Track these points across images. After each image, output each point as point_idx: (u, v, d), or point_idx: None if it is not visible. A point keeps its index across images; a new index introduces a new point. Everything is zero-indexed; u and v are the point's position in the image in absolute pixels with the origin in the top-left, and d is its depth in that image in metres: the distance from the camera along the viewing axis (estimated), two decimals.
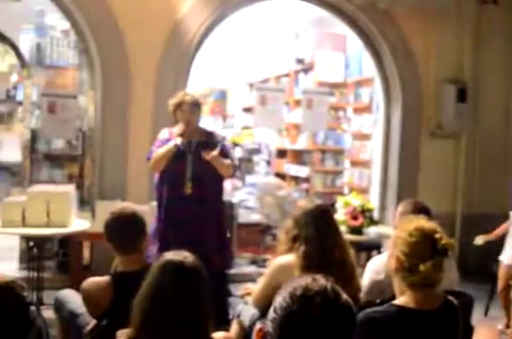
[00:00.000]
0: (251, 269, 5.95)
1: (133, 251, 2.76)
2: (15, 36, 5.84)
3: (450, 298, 2.18)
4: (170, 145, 3.97)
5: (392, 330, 2.01)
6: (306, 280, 1.38)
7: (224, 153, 4.06)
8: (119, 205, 2.90)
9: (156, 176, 4.16)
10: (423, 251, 2.07)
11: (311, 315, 1.32)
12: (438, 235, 2.09)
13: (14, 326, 2.53)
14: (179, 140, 3.96)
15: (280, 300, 1.37)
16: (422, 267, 2.05)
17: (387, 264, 2.22)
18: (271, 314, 1.37)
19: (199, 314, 1.93)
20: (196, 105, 4.09)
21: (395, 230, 3.23)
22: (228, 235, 4.58)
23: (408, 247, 2.08)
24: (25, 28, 6.10)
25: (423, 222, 2.15)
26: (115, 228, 2.77)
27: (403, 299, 2.08)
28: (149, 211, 4.31)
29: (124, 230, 2.76)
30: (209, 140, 4.07)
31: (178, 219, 4.00)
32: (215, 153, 3.92)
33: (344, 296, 1.38)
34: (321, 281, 1.38)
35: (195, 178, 3.99)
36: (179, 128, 4.03)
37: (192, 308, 1.92)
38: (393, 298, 2.25)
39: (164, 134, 4.21)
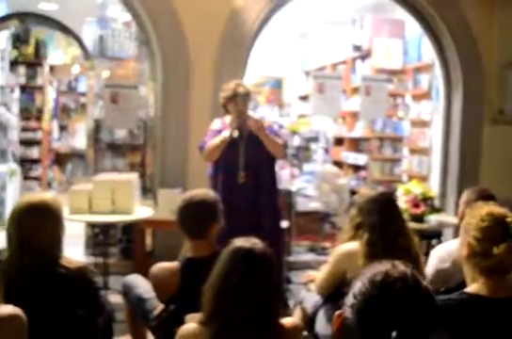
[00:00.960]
0: (310, 257, 5.98)
1: (203, 237, 2.80)
2: (79, 28, 5.98)
3: None
4: (225, 136, 4.02)
5: (464, 318, 1.99)
6: (385, 266, 1.40)
7: (272, 133, 4.08)
8: (193, 191, 2.92)
9: (210, 166, 4.22)
10: (495, 235, 2.04)
11: (391, 301, 1.33)
12: (509, 219, 2.07)
13: (85, 309, 2.63)
14: (236, 133, 4.02)
15: (359, 286, 1.38)
16: (495, 250, 2.02)
17: (458, 252, 2.20)
18: (350, 299, 1.39)
19: (268, 299, 1.96)
20: (248, 96, 4.12)
21: (461, 218, 3.21)
22: (284, 224, 4.60)
23: (481, 231, 2.06)
24: (88, 21, 6.24)
25: (493, 208, 2.13)
26: (186, 213, 2.82)
27: (474, 287, 2.06)
28: None
29: (195, 215, 2.80)
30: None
31: (232, 208, 4.02)
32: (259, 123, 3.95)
33: (424, 282, 1.39)
34: (401, 267, 1.39)
35: (248, 167, 4.04)
36: (232, 120, 4.07)
37: (262, 294, 1.95)
38: (458, 286, 2.23)
39: (216, 124, 4.27)
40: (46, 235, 2.51)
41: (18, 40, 8.76)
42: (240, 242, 2.04)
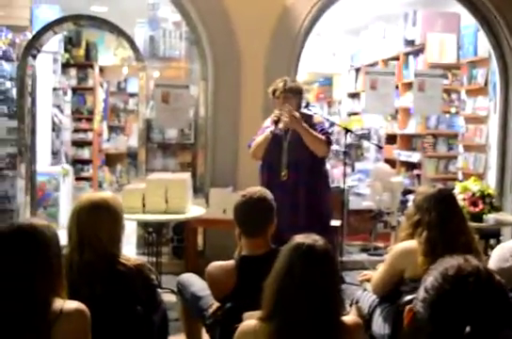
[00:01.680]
0: (362, 257, 5.90)
1: (259, 235, 2.78)
2: (130, 30, 6.05)
3: None
4: (267, 133, 4.03)
5: None
6: (457, 260, 1.37)
7: (321, 132, 4.04)
8: (251, 188, 2.90)
9: (259, 164, 4.23)
10: None
11: (464, 295, 1.30)
12: None
13: (143, 307, 2.64)
14: (277, 130, 4.01)
15: (431, 280, 1.35)
16: None
17: None
18: (421, 294, 1.36)
19: (330, 296, 1.94)
20: (290, 92, 4.08)
21: None
22: (336, 223, 4.52)
23: None
24: (139, 22, 6.31)
25: None
26: (244, 210, 2.80)
27: None
28: None
29: (253, 213, 2.77)
30: (306, 124, 4.03)
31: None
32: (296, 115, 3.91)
33: (497, 276, 1.36)
34: (473, 261, 1.36)
35: (290, 165, 4.02)
36: (274, 115, 4.06)
37: (324, 290, 1.93)
38: None
39: (267, 122, 4.27)
40: (106, 233, 2.53)
41: (69, 43, 8.94)
42: (301, 238, 2.02)
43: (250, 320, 2.02)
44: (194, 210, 4.64)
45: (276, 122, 4.01)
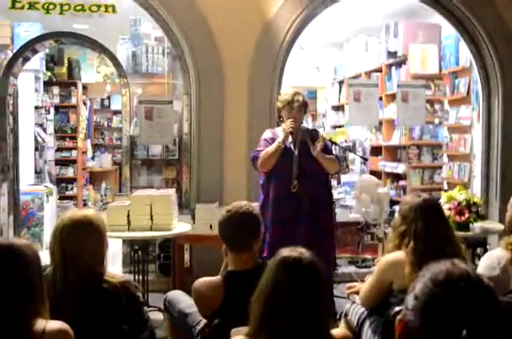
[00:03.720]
0: (350, 270, 5.87)
1: (246, 250, 2.75)
2: (112, 46, 6.05)
3: None
4: (279, 142, 4.06)
5: None
6: (445, 265, 1.36)
7: (327, 150, 4.13)
8: (236, 203, 2.88)
9: (262, 176, 4.22)
10: None
11: (456, 299, 1.30)
12: None
13: (129, 325, 2.59)
14: (289, 139, 4.08)
15: (420, 287, 1.34)
16: None
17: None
18: (411, 301, 1.34)
19: (318, 309, 1.91)
20: (305, 106, 4.21)
21: (509, 222, 3.10)
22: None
23: None
24: (122, 38, 6.30)
25: None
26: (229, 225, 2.77)
27: None
28: None
29: (238, 228, 2.75)
30: (312, 139, 4.11)
31: (284, 218, 4.04)
32: (318, 147, 4.01)
33: (486, 279, 1.35)
34: (461, 265, 1.35)
35: (301, 176, 4.04)
36: (286, 125, 4.10)
37: (312, 304, 1.90)
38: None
39: (267, 134, 4.29)
40: (89, 251, 2.50)
41: (51, 61, 8.91)
42: (287, 252, 2.00)
43: (238, 336, 1.98)
44: (180, 226, 4.61)
45: (291, 133, 4.07)
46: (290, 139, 4.11)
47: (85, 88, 9.89)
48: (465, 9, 5.51)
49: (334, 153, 4.43)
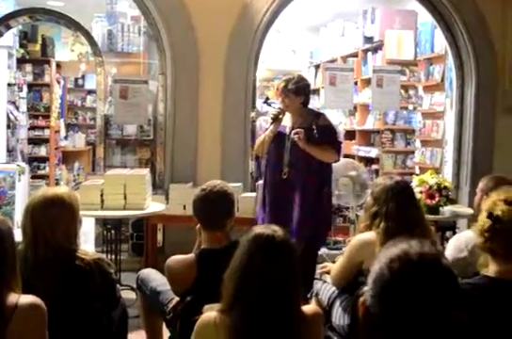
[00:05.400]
0: (322, 251, 5.92)
1: (219, 228, 2.77)
2: (88, 24, 5.97)
3: None
4: (267, 133, 4.14)
5: (485, 301, 1.95)
6: (401, 247, 1.36)
7: (323, 138, 4.08)
8: (211, 181, 2.89)
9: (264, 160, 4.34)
10: None
11: (412, 282, 1.30)
12: None
13: (102, 302, 2.61)
14: (271, 127, 4.13)
15: (376, 272, 1.35)
16: None
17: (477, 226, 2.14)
18: (370, 284, 1.36)
19: (290, 285, 1.93)
20: (288, 91, 4.13)
21: (478, 206, 3.16)
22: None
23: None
24: (97, 16, 6.22)
25: None
26: (203, 204, 2.79)
27: (495, 270, 2.02)
28: None
29: (212, 206, 2.76)
30: (310, 127, 4.07)
31: (275, 203, 4.13)
32: (298, 136, 3.96)
33: (443, 258, 1.37)
34: (416, 246, 1.35)
35: (292, 164, 4.08)
36: (272, 113, 4.19)
37: (283, 279, 1.92)
38: (476, 276, 2.18)
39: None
40: (61, 228, 2.49)
41: (25, 38, 8.75)
42: (260, 229, 2.02)
43: (210, 312, 2.00)
44: (153, 206, 4.60)
45: (274, 120, 4.10)
46: (289, 125, 4.13)
47: (59, 66, 9.71)
48: None
49: (336, 139, 4.38)
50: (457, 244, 3.03)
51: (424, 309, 1.30)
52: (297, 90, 4.14)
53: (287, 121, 4.18)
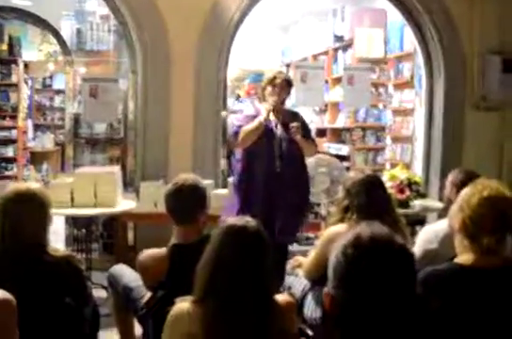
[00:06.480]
0: (294, 248, 5.93)
1: (191, 222, 2.76)
2: (56, 23, 5.90)
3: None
4: (260, 120, 4.06)
5: (455, 287, 1.97)
6: (354, 230, 1.37)
7: (306, 133, 4.22)
8: (182, 175, 2.87)
9: (239, 152, 4.22)
10: (490, 226, 2.01)
11: (367, 262, 1.30)
12: (510, 211, 2.03)
13: (73, 298, 2.57)
14: (272, 116, 4.10)
15: (333, 257, 1.36)
16: (485, 240, 1.99)
17: (449, 221, 2.16)
18: (330, 273, 1.36)
19: (263, 276, 1.93)
20: (287, 84, 4.22)
21: (448, 199, 3.20)
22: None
23: (477, 217, 2.01)
24: (66, 14, 6.15)
25: (496, 191, 2.05)
26: (174, 197, 2.77)
27: (464, 258, 2.04)
28: None
29: (183, 200, 2.75)
30: (294, 121, 4.15)
31: (264, 196, 4.09)
32: (296, 127, 4.06)
33: (399, 238, 1.35)
34: (369, 227, 1.36)
35: (282, 156, 4.10)
36: (268, 102, 4.12)
37: (255, 270, 1.92)
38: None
39: (249, 109, 4.37)
40: (31, 224, 2.47)
41: None
42: (232, 220, 2.02)
43: (183, 303, 1.99)
44: (124, 204, 4.57)
45: (272, 111, 4.09)
46: (272, 118, 4.13)
47: (26, 66, 9.61)
48: None
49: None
50: (427, 235, 3.06)
51: (384, 292, 1.30)
52: (291, 83, 4.30)
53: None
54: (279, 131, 4.14)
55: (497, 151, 5.92)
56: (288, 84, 4.23)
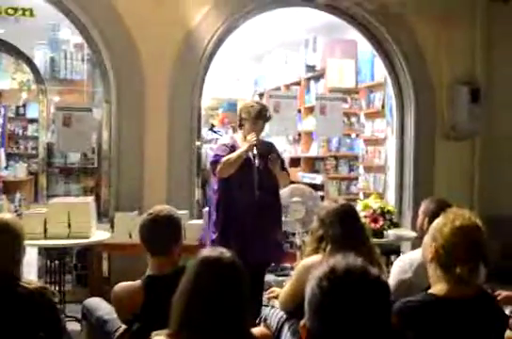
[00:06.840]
0: (270, 278, 5.92)
1: (165, 254, 2.74)
2: (29, 51, 5.90)
3: (484, 287, 2.17)
4: (242, 151, 4.16)
5: (429, 318, 1.99)
6: (329, 262, 1.38)
7: (281, 164, 4.34)
8: (157, 206, 2.87)
9: (215, 182, 4.32)
10: (463, 255, 2.03)
11: (342, 294, 1.31)
12: (482, 240, 2.07)
13: (47, 332, 2.53)
14: (255, 150, 4.19)
15: (309, 289, 1.36)
16: (458, 270, 2.02)
17: (422, 252, 2.19)
18: (306, 305, 1.37)
19: (238, 308, 1.92)
20: (266, 116, 4.35)
21: (421, 228, 3.24)
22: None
23: (450, 246, 2.04)
24: (39, 43, 6.16)
25: (468, 221, 2.09)
26: (149, 228, 2.76)
27: (438, 288, 2.06)
28: None
29: (158, 230, 2.74)
30: (269, 151, 4.29)
31: (243, 224, 4.17)
32: (274, 158, 4.22)
33: (374, 270, 1.36)
34: (344, 259, 1.37)
35: (260, 186, 4.20)
36: (251, 137, 4.19)
37: (231, 302, 1.91)
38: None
39: (226, 139, 4.52)
40: (4, 255, 2.44)
41: None
42: (207, 252, 2.01)
43: (158, 336, 1.97)
44: (98, 234, 4.53)
45: (254, 146, 4.17)
46: (254, 151, 4.23)
47: None
48: (381, 27, 5.74)
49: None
50: (401, 265, 3.08)
51: (360, 324, 1.30)
52: (271, 118, 4.45)
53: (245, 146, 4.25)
54: (257, 161, 4.24)
55: (468, 180, 6.02)
56: (268, 117, 4.37)
